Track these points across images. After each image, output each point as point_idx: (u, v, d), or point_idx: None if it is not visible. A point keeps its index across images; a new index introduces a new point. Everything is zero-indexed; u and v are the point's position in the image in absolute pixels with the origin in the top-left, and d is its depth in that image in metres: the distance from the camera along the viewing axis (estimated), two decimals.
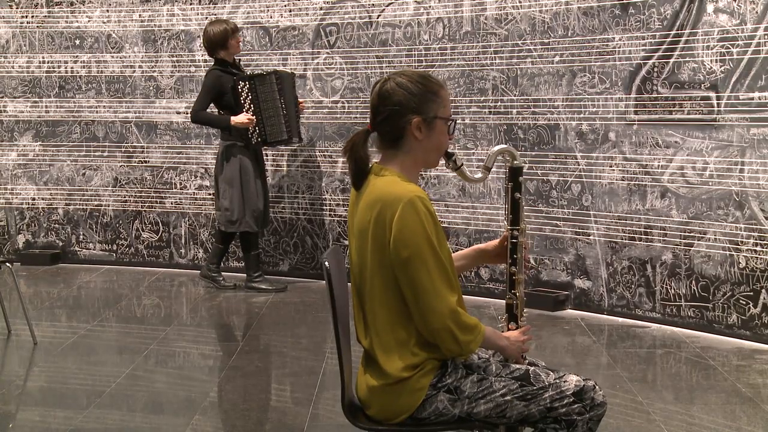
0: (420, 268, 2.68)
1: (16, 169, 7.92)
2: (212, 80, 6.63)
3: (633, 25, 5.74)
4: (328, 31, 7.05)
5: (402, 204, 2.68)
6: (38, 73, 7.83)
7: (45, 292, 6.97)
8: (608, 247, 5.96)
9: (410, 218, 2.68)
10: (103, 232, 7.82)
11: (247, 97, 6.56)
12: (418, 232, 2.68)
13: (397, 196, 2.69)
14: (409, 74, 2.83)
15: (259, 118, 6.56)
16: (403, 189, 2.72)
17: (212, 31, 6.61)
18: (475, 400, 2.78)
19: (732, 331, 5.41)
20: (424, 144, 2.80)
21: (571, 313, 6.09)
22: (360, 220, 2.79)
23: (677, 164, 5.62)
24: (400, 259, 2.69)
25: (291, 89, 6.68)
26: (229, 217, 6.67)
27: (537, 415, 2.79)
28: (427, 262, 2.68)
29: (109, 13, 7.64)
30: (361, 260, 2.80)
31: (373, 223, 2.73)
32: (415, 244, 2.68)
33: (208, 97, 6.64)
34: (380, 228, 2.72)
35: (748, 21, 5.23)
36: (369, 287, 2.78)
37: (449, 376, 2.79)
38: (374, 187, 2.77)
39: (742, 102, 5.29)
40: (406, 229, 2.68)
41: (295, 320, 6.10)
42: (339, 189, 7.09)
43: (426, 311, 2.69)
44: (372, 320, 2.79)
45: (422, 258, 2.68)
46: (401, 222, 2.68)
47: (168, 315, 6.45)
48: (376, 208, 2.73)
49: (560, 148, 6.12)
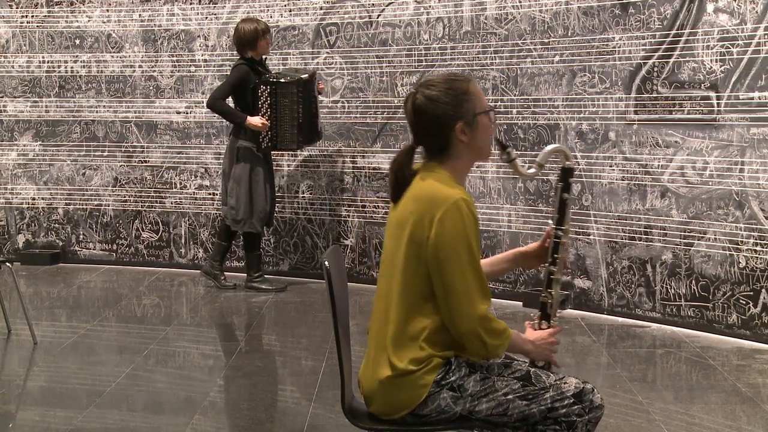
0: (456, 271, 2.70)
1: (16, 168, 7.92)
2: (239, 74, 6.60)
3: (633, 25, 5.74)
4: (328, 30, 7.05)
5: (448, 204, 2.70)
6: (38, 72, 7.83)
7: (45, 292, 6.97)
8: (608, 246, 5.96)
9: (454, 220, 2.70)
10: (103, 232, 7.82)
11: (266, 101, 6.54)
12: (459, 235, 2.70)
13: (445, 197, 2.71)
14: (435, 83, 2.82)
15: (273, 123, 6.54)
16: (451, 191, 2.74)
17: (243, 29, 6.57)
18: (478, 399, 2.79)
19: (732, 331, 5.41)
20: (472, 144, 2.80)
21: (571, 312, 6.09)
22: (401, 212, 2.80)
23: (677, 164, 5.62)
24: (437, 259, 2.71)
25: (312, 93, 6.61)
26: (234, 216, 6.67)
27: (537, 415, 2.80)
28: (464, 265, 2.70)
29: (109, 13, 7.64)
30: (394, 250, 2.80)
31: (415, 216, 2.74)
32: (455, 247, 2.70)
33: (230, 89, 6.63)
34: (421, 223, 2.73)
35: (748, 21, 5.23)
36: (395, 278, 2.79)
37: (453, 374, 2.79)
38: (423, 184, 2.78)
39: (742, 102, 5.29)
40: (448, 231, 2.69)
41: (295, 320, 6.10)
42: (339, 189, 7.09)
43: (456, 314, 2.71)
44: (390, 311, 2.80)
45: (460, 261, 2.70)
46: (444, 223, 2.69)
47: (168, 315, 6.45)
48: (420, 203, 2.74)
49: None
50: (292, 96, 6.54)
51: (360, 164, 7.01)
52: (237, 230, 6.78)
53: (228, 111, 6.66)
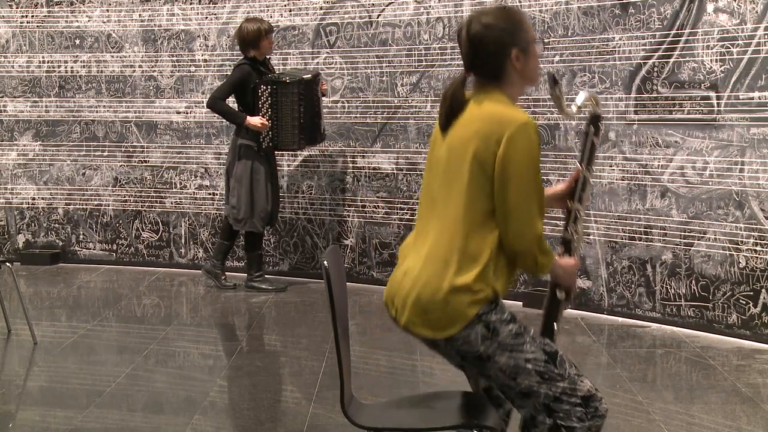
0: (521, 191, 2.73)
1: (16, 168, 7.92)
2: (240, 74, 6.60)
3: (633, 25, 5.74)
4: (328, 30, 7.05)
5: (517, 125, 2.73)
6: (38, 72, 7.83)
7: (45, 292, 6.97)
8: (608, 246, 5.96)
9: (523, 140, 2.73)
10: (103, 232, 7.82)
11: (267, 101, 6.54)
12: (527, 156, 2.73)
13: (513, 117, 2.75)
14: (490, 12, 2.90)
15: (274, 123, 6.54)
16: (518, 112, 2.79)
17: (247, 28, 6.57)
18: (502, 350, 2.77)
19: (732, 331, 5.41)
20: (525, 71, 2.85)
21: (571, 312, 6.09)
22: (462, 132, 2.80)
23: (677, 164, 5.62)
24: (503, 177, 2.73)
25: (314, 94, 6.60)
26: (236, 216, 6.66)
27: (542, 398, 2.77)
28: (529, 186, 2.74)
29: (109, 13, 7.64)
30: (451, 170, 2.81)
31: (480, 135, 2.76)
32: (522, 167, 2.72)
33: (230, 89, 6.63)
34: (487, 142, 2.74)
35: (748, 21, 5.23)
36: (454, 195, 2.79)
37: (495, 314, 2.78)
38: (485, 106, 2.80)
39: (742, 102, 5.29)
40: (517, 151, 2.72)
41: (295, 320, 6.10)
42: (339, 189, 7.09)
43: (516, 233, 2.75)
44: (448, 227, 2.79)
45: (525, 181, 2.73)
46: (513, 142, 2.72)
47: (168, 315, 6.45)
48: (486, 123, 2.77)
49: (560, 147, 6.12)
50: (293, 96, 6.53)
51: (360, 164, 7.01)
52: (238, 230, 6.77)
53: (228, 111, 6.65)
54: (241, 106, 6.65)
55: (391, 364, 5.24)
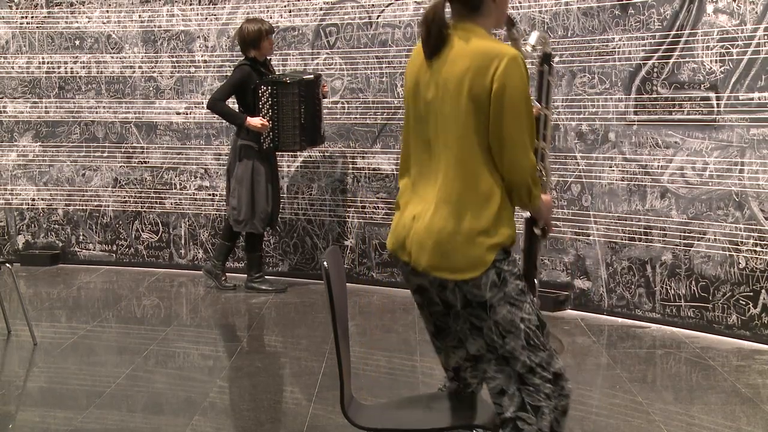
0: (515, 122, 2.77)
1: (15, 169, 7.92)
2: (240, 75, 6.59)
3: (633, 26, 5.74)
4: (328, 31, 7.05)
5: (507, 58, 2.76)
6: (38, 73, 7.83)
7: (45, 293, 6.97)
8: (608, 247, 5.96)
9: (515, 73, 2.76)
10: (102, 233, 7.82)
11: (267, 102, 6.53)
12: (519, 87, 2.77)
13: (502, 51, 2.78)
14: None
15: (275, 124, 6.52)
16: (504, 46, 2.83)
17: (247, 29, 6.56)
18: (505, 301, 2.81)
19: (732, 332, 5.41)
20: (499, 6, 2.90)
21: (570, 313, 6.09)
22: (453, 71, 2.82)
23: (677, 164, 5.62)
24: (497, 110, 2.77)
25: (314, 95, 6.59)
26: (236, 217, 6.66)
27: (518, 366, 2.81)
28: (522, 117, 2.78)
29: (108, 14, 7.64)
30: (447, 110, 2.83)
31: (473, 72, 2.78)
32: (515, 98, 2.77)
33: (231, 90, 6.62)
34: (480, 77, 2.77)
35: (747, 21, 5.23)
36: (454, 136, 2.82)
37: (507, 264, 2.83)
38: (469, 43, 2.83)
39: (742, 102, 5.29)
40: (510, 83, 2.75)
41: (295, 321, 6.10)
42: (339, 189, 7.09)
43: (512, 164, 2.79)
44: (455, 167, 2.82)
45: (519, 112, 2.77)
46: (506, 74, 2.75)
47: (168, 315, 6.45)
48: (476, 58, 2.79)
49: (560, 148, 6.12)
50: (293, 96, 6.53)
51: (360, 165, 7.01)
52: (239, 231, 6.77)
53: (228, 112, 6.65)
54: (242, 107, 6.65)
55: (391, 365, 5.24)
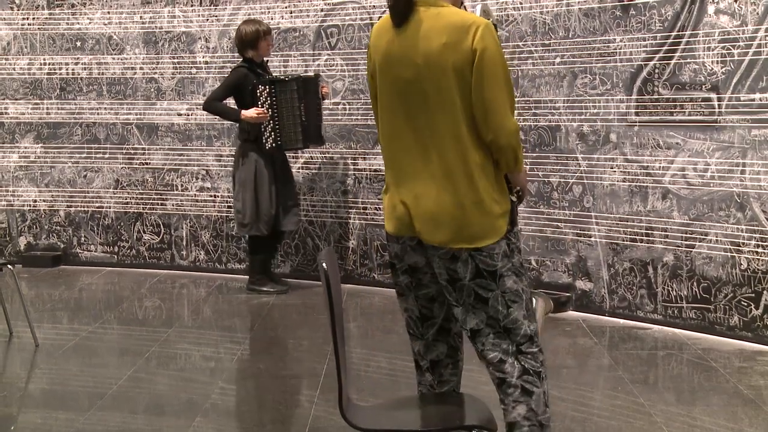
0: (496, 88, 2.86)
1: (17, 171, 7.93)
2: (236, 77, 6.58)
3: (634, 27, 5.73)
4: (329, 32, 7.05)
5: (482, 26, 2.86)
6: (39, 75, 7.83)
7: (46, 294, 6.97)
8: (609, 248, 5.96)
9: (491, 39, 2.87)
10: (104, 234, 7.82)
11: (266, 101, 6.49)
12: (497, 53, 2.88)
13: (475, 20, 2.88)
14: None
15: (276, 123, 6.48)
16: (474, 16, 2.92)
17: (244, 30, 6.55)
18: (512, 272, 2.95)
19: (734, 333, 5.40)
20: None
21: (572, 314, 6.09)
22: (431, 47, 2.87)
23: (678, 165, 5.61)
24: (479, 76, 2.85)
25: (314, 94, 6.56)
26: (241, 220, 6.62)
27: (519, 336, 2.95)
28: (502, 82, 2.87)
29: (110, 15, 7.65)
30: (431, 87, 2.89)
31: (452, 46, 2.85)
32: (494, 63, 2.86)
33: (226, 92, 6.60)
34: (459, 48, 2.85)
35: (749, 22, 5.23)
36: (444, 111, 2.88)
37: (513, 237, 2.97)
38: (440, 17, 2.89)
39: (743, 103, 5.29)
40: (488, 49, 2.85)
41: (297, 322, 6.10)
42: (340, 191, 7.09)
43: (497, 127, 2.87)
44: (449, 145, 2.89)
45: (498, 78, 2.86)
46: (484, 42, 2.85)
47: (169, 317, 6.45)
48: (452, 32, 2.86)
49: (561, 149, 6.12)
50: (292, 93, 6.50)
51: (361, 166, 7.01)
52: (242, 234, 6.74)
53: (222, 110, 6.63)
54: (242, 109, 6.64)
55: (392, 366, 5.24)
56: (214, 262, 7.52)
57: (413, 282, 3.04)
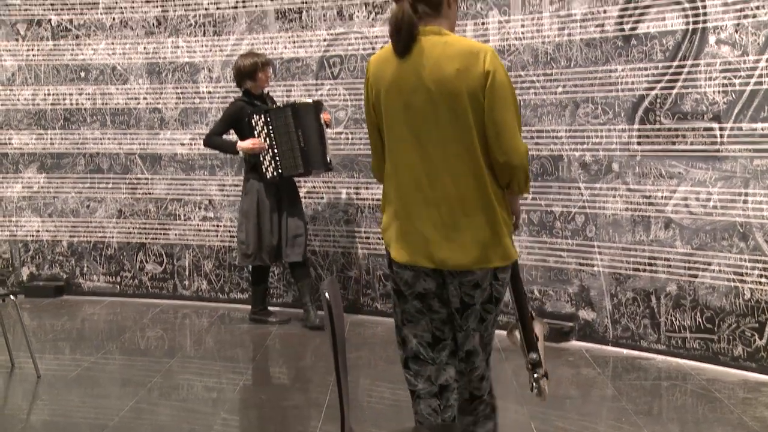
0: (506, 110, 2.96)
1: (20, 201, 7.94)
2: (233, 110, 6.59)
3: (635, 56, 5.76)
4: (332, 62, 7.08)
5: (489, 52, 2.98)
6: (43, 105, 7.86)
7: (49, 325, 6.96)
8: (612, 278, 5.95)
9: (499, 65, 2.99)
10: (107, 264, 7.82)
11: (262, 130, 6.49)
12: (506, 77, 2.99)
13: (481, 47, 2.99)
14: None
15: (273, 152, 6.47)
16: (478, 42, 3.06)
17: (242, 63, 6.55)
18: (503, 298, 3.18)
19: (738, 363, 5.38)
20: (453, 10, 3.10)
21: (575, 344, 6.07)
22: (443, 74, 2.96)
23: (681, 195, 5.62)
24: (491, 98, 2.95)
25: (312, 120, 6.49)
26: (244, 251, 6.61)
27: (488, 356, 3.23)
28: (511, 105, 2.98)
29: (114, 46, 7.69)
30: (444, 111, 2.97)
31: (465, 70, 2.95)
32: (504, 88, 2.97)
33: (224, 125, 6.61)
34: (472, 75, 2.95)
35: (750, 52, 5.24)
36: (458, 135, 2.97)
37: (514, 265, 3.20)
38: (448, 45, 2.98)
39: (745, 133, 5.30)
40: (498, 75, 2.96)
41: (299, 352, 6.08)
42: (343, 220, 7.09)
43: (510, 148, 2.96)
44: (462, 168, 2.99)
45: (508, 101, 2.97)
46: (494, 67, 2.96)
47: (172, 347, 6.43)
48: (463, 59, 2.95)
49: (563, 178, 6.13)
50: (287, 119, 6.46)
51: (363, 195, 7.02)
52: (245, 265, 6.72)
53: (220, 143, 6.63)
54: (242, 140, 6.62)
55: (396, 397, 5.21)
56: (217, 291, 7.51)
57: (425, 306, 3.07)
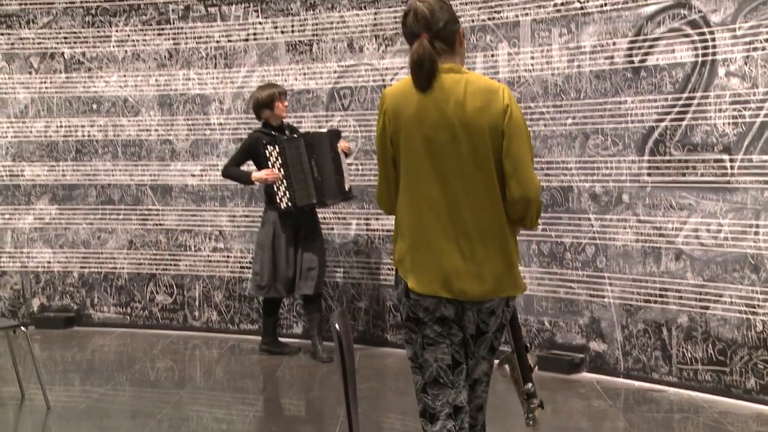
0: (524, 144, 3.07)
1: (32, 232, 7.97)
2: (249, 140, 6.61)
3: (645, 88, 5.77)
4: (342, 94, 7.11)
5: (505, 89, 3.10)
6: (55, 137, 7.91)
7: (59, 356, 6.96)
8: (623, 309, 5.93)
9: (515, 102, 3.10)
10: (117, 295, 7.83)
11: (277, 161, 6.50)
12: (520, 113, 3.10)
13: (499, 85, 3.12)
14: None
15: (288, 182, 6.45)
16: (494, 80, 3.19)
17: (260, 95, 6.57)
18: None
19: (750, 396, 5.35)
20: (463, 47, 3.20)
21: (586, 376, 6.04)
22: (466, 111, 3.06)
23: (691, 226, 5.60)
24: (509, 133, 3.05)
25: (327, 149, 6.47)
26: (259, 282, 6.59)
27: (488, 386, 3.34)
28: (527, 139, 3.09)
29: (126, 78, 7.74)
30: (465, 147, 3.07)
31: (486, 107, 3.06)
32: (520, 123, 3.08)
33: (241, 156, 6.63)
34: (492, 111, 3.05)
35: (759, 84, 5.25)
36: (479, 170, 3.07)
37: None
38: (468, 82, 3.09)
39: (756, 165, 5.29)
40: (515, 111, 3.07)
41: (309, 383, 6.06)
42: (353, 251, 7.09)
43: (527, 182, 3.05)
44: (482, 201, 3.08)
45: (523, 135, 3.08)
46: (511, 101, 3.08)
47: (182, 378, 6.42)
48: (484, 95, 3.07)
49: (574, 209, 6.12)
50: (300, 149, 6.46)
51: (374, 226, 7.02)
52: (259, 296, 6.70)
53: (236, 174, 6.65)
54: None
55: (406, 428, 5.19)
56: (227, 322, 7.51)
57: (444, 330, 3.15)
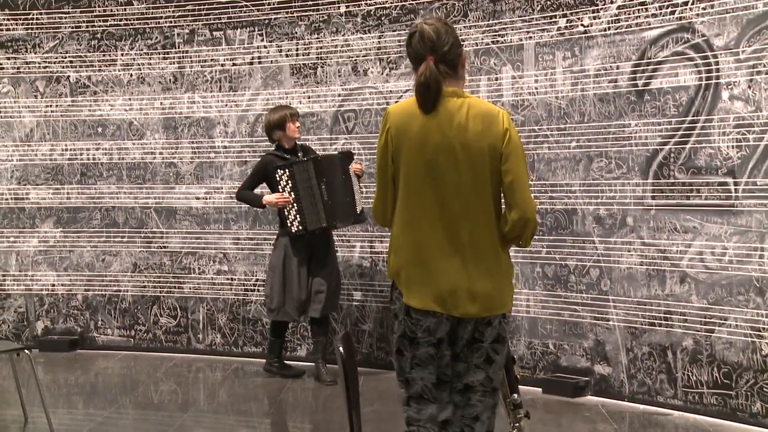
0: (521, 165, 3.19)
1: (36, 255, 7.98)
2: (261, 163, 6.63)
3: (649, 111, 5.78)
4: (346, 117, 7.13)
5: (504, 114, 3.21)
6: (61, 160, 7.93)
7: (62, 379, 6.95)
8: (628, 332, 5.92)
9: (512, 125, 3.22)
10: (121, 318, 7.83)
11: (287, 185, 6.50)
12: (518, 137, 3.22)
13: (497, 109, 3.23)
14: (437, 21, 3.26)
15: (298, 206, 6.44)
16: (493, 105, 3.29)
17: (271, 117, 6.57)
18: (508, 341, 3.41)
19: (756, 420, 5.32)
20: (465, 71, 3.29)
21: (591, 399, 6.02)
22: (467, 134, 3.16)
23: (696, 249, 5.60)
24: (507, 155, 3.17)
25: (338, 172, 6.47)
26: (269, 305, 6.58)
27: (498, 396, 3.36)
28: (523, 161, 3.22)
29: (131, 102, 7.77)
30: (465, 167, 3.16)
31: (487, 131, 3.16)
32: (517, 146, 3.20)
33: (253, 179, 6.64)
34: (495, 133, 3.17)
35: (763, 108, 5.26)
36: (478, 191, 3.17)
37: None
38: (470, 106, 3.19)
39: (760, 188, 5.29)
40: (513, 133, 3.19)
41: (313, 406, 6.05)
42: (357, 273, 7.09)
43: (524, 202, 3.15)
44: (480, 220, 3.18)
45: (520, 157, 3.20)
46: (510, 125, 3.19)
47: (185, 401, 6.41)
48: (485, 119, 3.18)
49: (578, 232, 6.12)
50: (309, 173, 6.45)
51: (377, 249, 7.02)
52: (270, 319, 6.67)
53: (249, 198, 6.65)
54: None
55: None
56: (231, 345, 7.50)
57: (438, 354, 3.17)
